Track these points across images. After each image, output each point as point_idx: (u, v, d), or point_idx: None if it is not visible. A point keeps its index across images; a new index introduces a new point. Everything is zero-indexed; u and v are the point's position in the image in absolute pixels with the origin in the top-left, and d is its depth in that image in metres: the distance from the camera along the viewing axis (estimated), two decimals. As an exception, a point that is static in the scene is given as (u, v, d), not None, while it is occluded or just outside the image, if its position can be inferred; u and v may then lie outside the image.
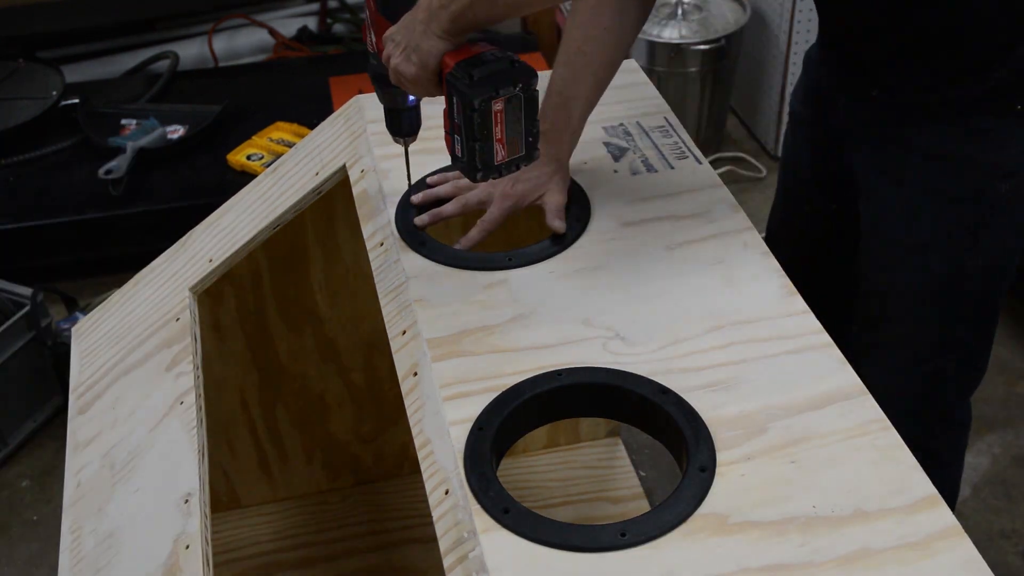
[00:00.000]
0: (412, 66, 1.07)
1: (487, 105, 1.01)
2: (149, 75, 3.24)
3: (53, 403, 2.33)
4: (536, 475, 1.96)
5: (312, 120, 1.80)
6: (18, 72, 3.05)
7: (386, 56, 1.10)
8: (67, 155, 2.79)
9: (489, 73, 1.02)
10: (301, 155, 1.48)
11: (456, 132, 1.05)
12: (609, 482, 1.94)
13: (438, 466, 0.99)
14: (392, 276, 1.20)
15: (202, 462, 1.22)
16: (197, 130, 2.79)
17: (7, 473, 2.24)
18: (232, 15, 3.50)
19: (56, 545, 1.31)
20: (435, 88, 1.07)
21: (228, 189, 1.65)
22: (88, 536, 1.26)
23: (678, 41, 2.85)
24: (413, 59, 1.06)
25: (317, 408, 1.83)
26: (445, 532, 0.94)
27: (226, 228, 1.46)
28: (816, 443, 0.99)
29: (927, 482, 0.96)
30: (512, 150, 1.05)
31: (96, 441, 1.37)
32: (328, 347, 1.77)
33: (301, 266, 1.66)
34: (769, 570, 0.88)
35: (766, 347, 1.09)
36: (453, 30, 1.05)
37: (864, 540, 0.90)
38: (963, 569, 0.88)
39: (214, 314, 1.62)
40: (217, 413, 1.64)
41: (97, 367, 1.47)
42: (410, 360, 1.10)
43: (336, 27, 3.67)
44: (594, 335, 1.10)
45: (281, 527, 1.88)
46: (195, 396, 1.29)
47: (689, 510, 0.92)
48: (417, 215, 1.27)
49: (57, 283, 2.61)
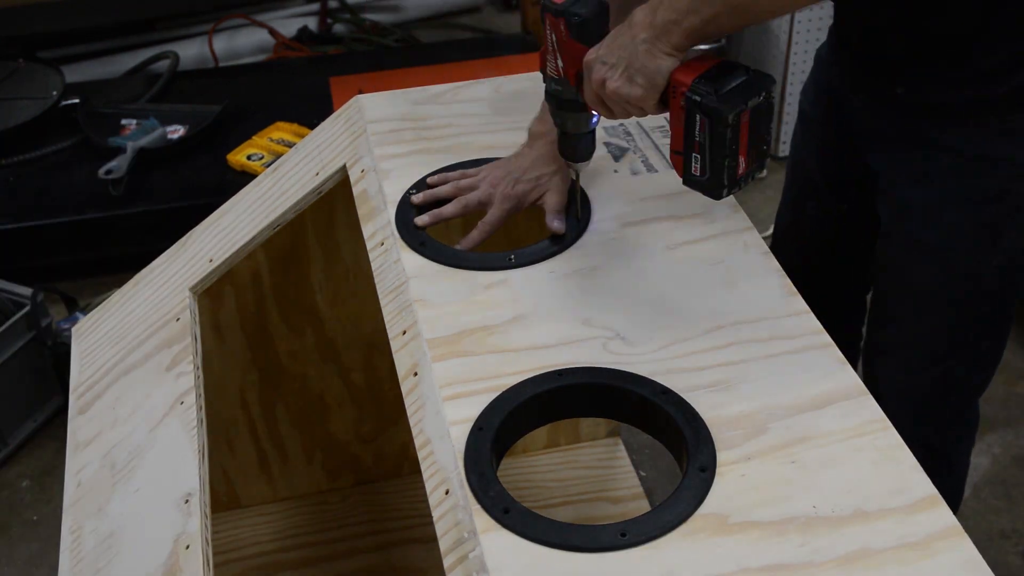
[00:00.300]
0: (638, 87, 1.02)
1: (738, 119, 0.97)
2: (149, 75, 3.25)
3: (53, 403, 2.33)
4: (536, 475, 1.96)
5: (312, 120, 1.80)
6: (18, 72, 3.04)
7: (598, 79, 1.04)
8: (67, 155, 2.79)
9: (734, 85, 0.98)
10: (301, 155, 1.48)
11: (695, 151, 1.00)
12: (609, 482, 1.94)
13: (438, 466, 0.99)
14: (392, 276, 1.20)
15: (202, 462, 1.22)
16: (197, 130, 2.79)
17: (7, 473, 2.24)
18: (232, 15, 3.50)
19: (56, 545, 1.31)
20: (658, 108, 1.03)
21: (228, 189, 1.65)
22: (88, 536, 1.26)
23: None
24: (639, 80, 1.02)
25: (317, 408, 1.83)
26: (445, 532, 0.94)
27: (226, 228, 1.46)
28: (816, 443, 0.99)
29: (927, 482, 0.96)
30: (751, 160, 1.01)
31: (96, 441, 1.37)
32: (328, 347, 1.77)
33: (301, 266, 1.66)
34: (769, 570, 0.88)
35: (766, 347, 1.09)
36: (686, 46, 1.01)
37: (864, 540, 0.90)
38: (963, 569, 0.88)
39: (214, 314, 1.62)
40: (217, 413, 1.63)
41: (97, 367, 1.47)
42: (410, 360, 1.10)
43: (336, 27, 3.68)
44: (594, 335, 1.10)
45: (281, 527, 1.88)
46: (195, 396, 1.29)
47: (689, 510, 0.92)
48: (417, 215, 1.27)
49: (57, 283, 2.61)
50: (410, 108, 1.47)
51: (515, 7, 3.79)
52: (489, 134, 1.42)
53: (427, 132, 1.42)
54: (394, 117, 1.44)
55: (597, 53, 1.04)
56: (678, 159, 1.03)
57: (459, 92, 1.51)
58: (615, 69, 1.03)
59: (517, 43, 3.29)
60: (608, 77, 1.03)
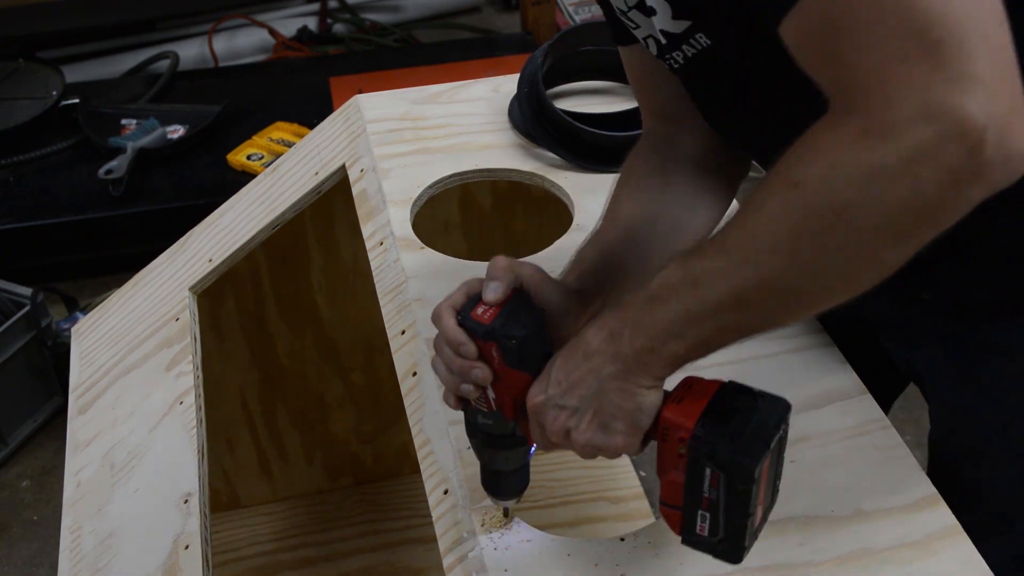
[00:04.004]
0: (617, 436, 0.79)
1: (762, 468, 0.75)
2: (149, 75, 3.24)
3: (53, 403, 2.33)
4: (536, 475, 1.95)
5: (312, 120, 1.80)
6: (18, 72, 3.04)
7: (559, 430, 0.80)
8: (67, 155, 2.79)
9: (749, 426, 0.75)
10: (300, 155, 1.47)
11: (703, 508, 0.77)
12: (609, 482, 1.94)
13: (438, 466, 0.99)
14: (392, 276, 1.20)
15: (202, 462, 1.22)
16: (197, 130, 2.79)
17: (7, 473, 2.24)
18: (232, 15, 3.50)
19: (56, 545, 1.31)
20: (642, 449, 0.81)
21: (228, 189, 1.65)
22: (88, 536, 1.26)
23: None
24: (616, 426, 0.79)
25: (317, 408, 1.83)
26: (445, 532, 0.94)
27: (226, 228, 1.46)
28: (816, 443, 0.99)
29: (927, 482, 0.96)
30: (768, 505, 0.80)
31: (96, 441, 1.37)
32: (328, 347, 1.77)
33: (301, 266, 1.66)
34: (769, 570, 0.88)
35: (766, 346, 1.09)
36: (668, 374, 0.78)
37: (864, 540, 0.90)
38: (962, 568, 0.88)
39: (214, 314, 1.62)
40: (217, 413, 1.63)
41: (97, 367, 1.47)
42: (410, 360, 1.10)
43: (336, 27, 3.67)
44: (594, 335, 1.10)
45: (281, 527, 1.88)
46: (195, 396, 1.29)
47: None
48: None
49: (57, 283, 2.61)
50: (409, 108, 1.47)
51: (515, 7, 3.79)
52: (488, 134, 1.41)
53: (426, 132, 1.42)
54: (393, 117, 1.44)
55: (547, 394, 0.80)
56: (674, 514, 0.80)
57: (458, 92, 1.51)
58: (580, 416, 0.79)
59: (517, 43, 3.28)
60: (572, 426, 0.80)
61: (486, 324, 0.82)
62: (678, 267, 0.74)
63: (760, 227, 0.69)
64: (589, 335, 0.79)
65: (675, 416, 0.77)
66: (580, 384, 0.79)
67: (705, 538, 0.79)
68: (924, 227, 0.65)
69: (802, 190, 0.66)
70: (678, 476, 0.77)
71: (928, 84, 0.61)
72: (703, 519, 0.78)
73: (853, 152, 0.63)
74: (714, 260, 0.71)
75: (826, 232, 0.66)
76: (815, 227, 0.66)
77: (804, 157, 0.66)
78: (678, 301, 0.73)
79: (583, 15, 3.29)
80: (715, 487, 0.75)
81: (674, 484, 0.78)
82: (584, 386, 0.78)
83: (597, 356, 0.78)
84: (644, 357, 0.75)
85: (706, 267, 0.72)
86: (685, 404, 0.77)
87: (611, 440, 0.79)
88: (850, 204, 0.64)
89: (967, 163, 0.62)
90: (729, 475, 0.74)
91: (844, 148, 0.64)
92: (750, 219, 0.69)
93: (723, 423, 0.75)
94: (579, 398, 0.79)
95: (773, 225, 0.68)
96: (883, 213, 0.64)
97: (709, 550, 0.80)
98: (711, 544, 0.79)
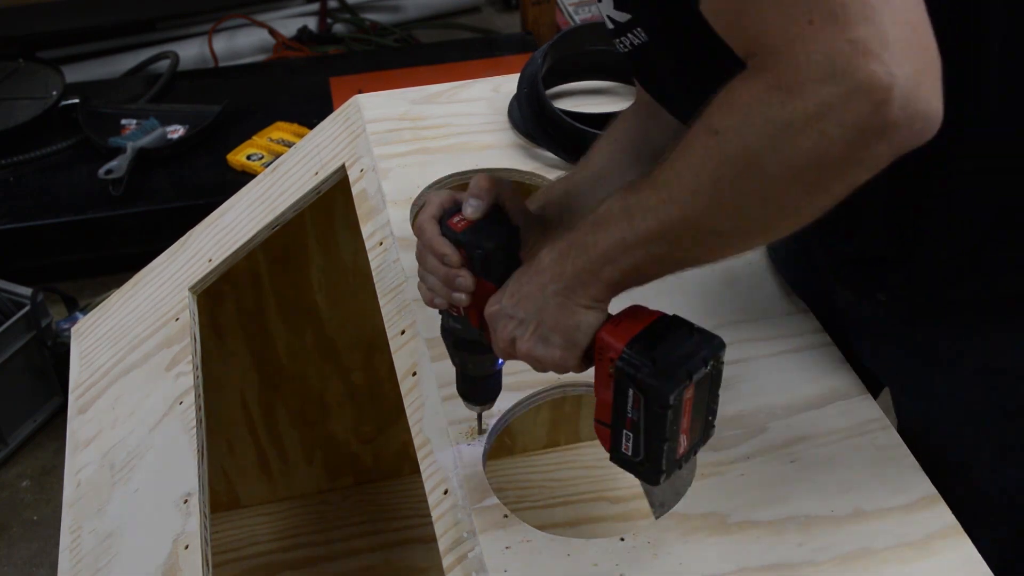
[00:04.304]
0: (555, 348, 0.84)
1: (680, 397, 0.79)
2: (149, 75, 3.24)
3: (53, 403, 2.33)
4: (536, 475, 1.96)
5: (312, 120, 1.80)
6: (18, 72, 3.04)
7: (506, 337, 0.86)
8: (67, 155, 2.79)
9: (675, 354, 0.79)
10: (300, 155, 1.47)
11: (627, 428, 0.82)
12: (609, 482, 1.94)
13: (437, 466, 0.99)
14: (391, 276, 1.20)
15: (202, 462, 1.22)
16: (197, 130, 2.79)
17: (7, 473, 2.24)
18: (232, 15, 3.50)
19: (56, 545, 1.31)
20: (582, 365, 0.85)
21: (228, 189, 1.65)
22: (88, 536, 1.26)
23: (678, 41, 2.85)
24: (555, 340, 0.83)
25: (317, 408, 1.83)
26: (444, 532, 0.94)
27: (226, 228, 1.46)
28: (816, 442, 0.99)
29: (927, 482, 0.96)
30: (693, 437, 0.84)
31: (96, 441, 1.37)
32: (328, 347, 1.77)
33: (301, 266, 1.66)
34: (769, 570, 0.88)
35: (766, 346, 1.09)
36: (608, 297, 0.82)
37: (864, 540, 0.90)
38: (962, 568, 0.88)
39: (214, 314, 1.62)
40: (217, 413, 1.63)
41: (97, 367, 1.47)
42: (410, 360, 1.10)
43: (336, 27, 3.67)
44: (594, 335, 1.10)
45: (281, 527, 1.88)
46: (195, 396, 1.29)
47: None
48: None
49: (57, 283, 2.61)
50: (409, 108, 1.47)
51: (515, 7, 3.79)
52: (488, 134, 1.41)
53: (426, 132, 1.42)
54: (393, 117, 1.44)
55: (501, 304, 0.86)
56: (604, 431, 0.85)
57: (458, 92, 1.51)
58: (525, 326, 0.85)
59: (517, 43, 3.28)
60: (518, 336, 0.85)
61: (457, 233, 0.88)
62: (619, 198, 0.79)
63: (685, 169, 0.73)
64: (543, 253, 0.84)
65: (608, 336, 0.81)
66: (528, 298, 0.84)
67: (629, 457, 0.84)
68: (833, 180, 0.70)
69: (720, 138, 0.70)
70: (608, 395, 0.82)
71: (833, 45, 0.64)
72: (627, 439, 0.83)
73: (764, 106, 0.67)
74: (647, 195, 0.76)
75: (741, 178, 0.71)
76: (731, 173, 0.71)
77: (723, 107, 0.70)
78: (614, 229, 0.78)
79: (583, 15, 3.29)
80: (637, 408, 0.80)
81: (605, 403, 0.83)
82: (531, 300, 0.84)
83: (545, 273, 0.83)
84: (584, 277, 0.81)
85: (640, 200, 0.77)
86: (621, 327, 0.81)
87: (549, 352, 0.84)
88: (761, 154, 0.69)
89: (872, 121, 0.65)
90: (648, 397, 0.79)
91: (757, 102, 0.68)
92: (679, 161, 0.74)
93: (651, 348, 0.79)
94: (525, 310, 0.84)
95: (695, 168, 0.73)
96: (792, 164, 0.68)
97: (632, 470, 0.84)
98: (634, 464, 0.84)
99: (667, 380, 0.78)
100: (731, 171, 0.71)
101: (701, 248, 0.78)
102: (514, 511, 0.94)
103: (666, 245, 0.77)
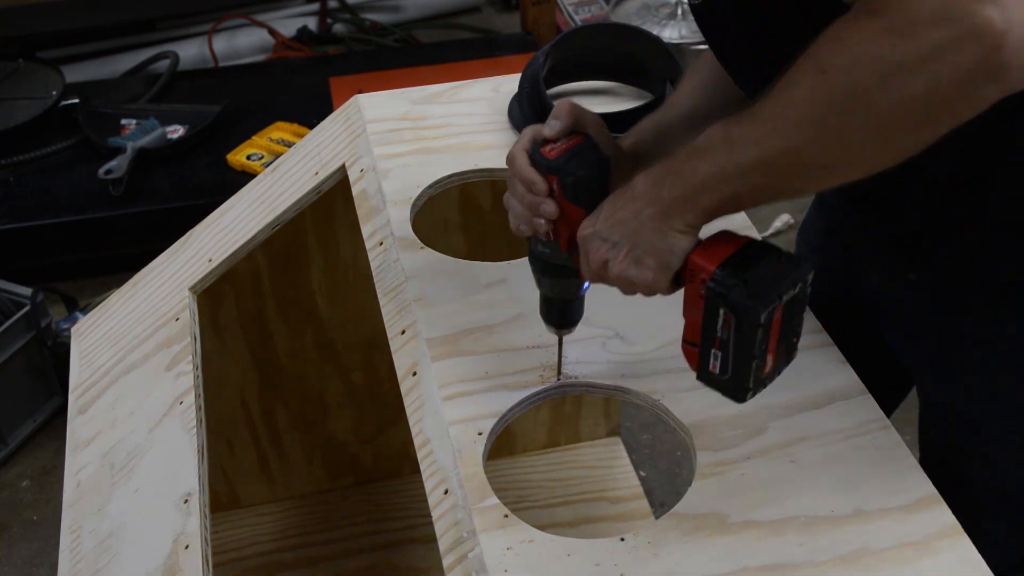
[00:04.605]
0: (647, 270, 0.87)
1: (771, 317, 0.82)
2: (149, 75, 3.24)
3: (53, 403, 2.33)
4: (536, 475, 1.96)
5: (312, 120, 1.80)
6: (18, 72, 3.04)
7: (599, 259, 0.89)
8: (67, 155, 2.79)
9: (766, 275, 0.82)
10: (300, 155, 1.47)
11: (716, 347, 0.85)
12: (609, 482, 1.94)
13: (437, 466, 0.99)
14: (391, 275, 1.20)
15: (202, 462, 1.22)
16: (197, 130, 2.79)
17: (7, 473, 2.24)
18: (232, 15, 3.50)
19: (56, 545, 1.31)
20: (671, 288, 0.89)
21: (228, 189, 1.65)
22: (88, 536, 1.26)
23: (678, 41, 2.85)
24: (648, 262, 0.86)
25: (317, 408, 1.83)
26: (444, 532, 0.94)
27: (226, 228, 1.46)
28: (816, 442, 0.99)
29: (927, 482, 0.95)
30: (779, 358, 0.87)
31: (96, 441, 1.37)
32: (328, 347, 1.77)
33: (301, 266, 1.66)
34: (769, 570, 0.88)
35: (766, 347, 1.09)
36: (701, 223, 0.85)
37: (864, 539, 0.90)
38: (962, 568, 0.88)
39: (214, 314, 1.62)
40: (217, 413, 1.63)
41: (97, 367, 1.47)
42: (410, 360, 1.10)
43: (336, 27, 3.67)
44: (593, 334, 1.10)
45: (281, 527, 1.88)
46: (195, 396, 1.29)
47: None
48: None
49: (57, 283, 2.61)
50: (409, 108, 1.47)
51: (515, 7, 3.79)
52: (488, 134, 1.41)
53: (426, 132, 1.42)
54: (393, 117, 1.44)
55: (595, 227, 0.89)
56: (692, 351, 0.89)
57: (458, 92, 1.51)
58: (618, 248, 0.88)
59: (517, 43, 3.28)
60: (611, 257, 0.88)
61: (550, 160, 0.92)
62: (719, 128, 0.82)
63: (791, 103, 0.77)
64: (638, 179, 0.87)
65: (700, 259, 0.85)
66: (623, 222, 0.87)
67: (716, 375, 0.87)
68: (940, 118, 0.73)
69: (829, 76, 0.73)
70: (697, 316, 0.86)
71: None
72: (715, 357, 0.86)
73: (876, 46, 0.71)
74: (750, 126, 0.79)
75: (848, 114, 0.74)
76: (839, 109, 0.74)
77: (832, 46, 0.74)
78: (715, 159, 0.81)
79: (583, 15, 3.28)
80: (727, 328, 0.83)
81: (694, 324, 0.86)
82: (626, 223, 0.87)
83: (641, 199, 0.86)
84: (680, 204, 0.84)
85: (742, 131, 0.80)
86: (711, 250, 0.85)
87: (642, 274, 0.87)
88: (871, 92, 0.72)
89: (983, 63, 0.68)
90: (739, 316, 0.82)
91: (868, 42, 0.71)
92: (784, 95, 0.77)
93: (742, 271, 0.83)
94: (620, 233, 0.87)
95: (803, 103, 0.76)
96: (901, 103, 0.71)
97: (719, 387, 0.88)
98: (720, 382, 0.87)
99: (758, 299, 0.81)
100: (839, 107, 0.74)
101: (801, 179, 0.81)
102: (514, 511, 0.94)
103: (767, 175, 0.80)
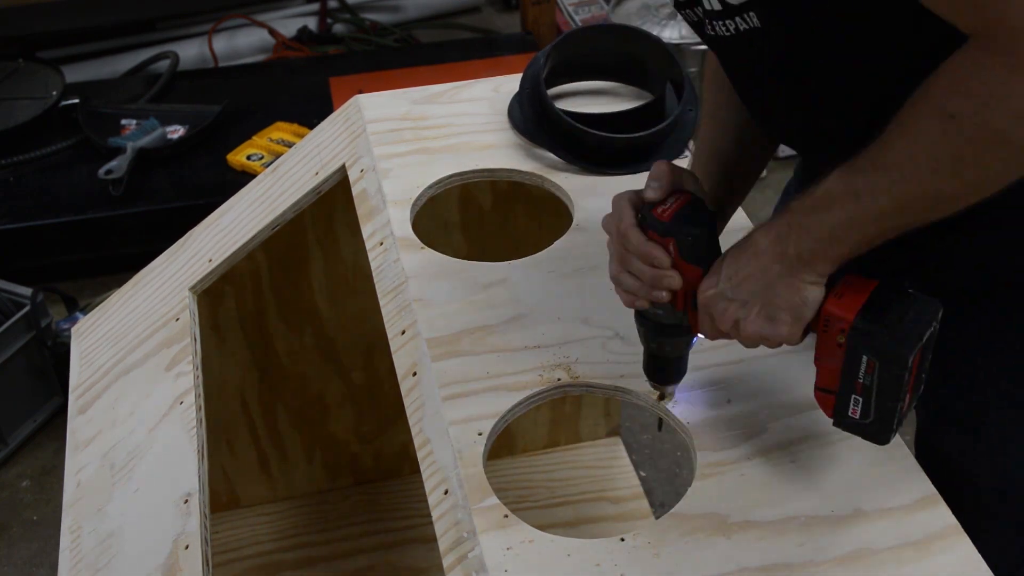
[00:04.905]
0: (782, 325, 0.88)
1: (915, 358, 0.84)
2: (149, 75, 3.24)
3: (53, 403, 2.33)
4: (536, 475, 1.96)
5: (312, 120, 1.80)
6: (18, 72, 3.04)
7: (729, 320, 0.90)
8: (67, 155, 2.79)
9: (903, 318, 0.84)
10: (301, 155, 1.47)
11: (857, 392, 0.87)
12: (609, 482, 1.94)
13: (437, 466, 0.99)
14: (392, 276, 1.20)
15: (202, 462, 1.22)
16: (197, 130, 2.79)
17: (7, 473, 2.24)
18: (232, 15, 3.50)
19: (56, 545, 1.31)
20: (802, 338, 0.90)
21: (228, 189, 1.65)
22: (88, 536, 1.26)
23: (678, 41, 2.85)
24: (783, 317, 0.87)
25: (317, 408, 1.83)
26: (444, 532, 0.94)
27: (226, 228, 1.46)
28: (816, 443, 0.99)
29: (927, 482, 0.96)
30: (915, 395, 0.89)
31: (96, 441, 1.37)
32: (328, 347, 1.77)
33: (301, 266, 1.66)
34: (769, 570, 0.88)
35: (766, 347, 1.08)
36: (831, 271, 0.86)
37: (864, 540, 0.90)
38: (962, 568, 0.88)
39: (214, 314, 1.62)
40: (217, 413, 1.63)
41: (97, 367, 1.47)
42: (410, 360, 1.10)
43: (336, 27, 3.67)
44: (593, 334, 1.10)
45: (281, 527, 1.88)
46: (195, 396, 1.29)
47: None
48: None
49: (57, 283, 2.61)
50: (409, 108, 1.47)
51: (515, 7, 3.79)
52: (489, 134, 1.41)
53: (426, 132, 1.42)
54: (393, 117, 1.44)
55: (718, 288, 0.90)
56: (828, 398, 0.90)
57: (459, 92, 1.51)
58: (749, 307, 0.88)
59: (517, 43, 3.28)
60: (741, 317, 0.89)
61: (666, 222, 0.92)
62: (839, 180, 0.83)
63: (919, 150, 0.79)
64: (757, 236, 0.89)
65: (837, 309, 0.86)
66: (750, 279, 0.88)
67: (856, 420, 0.89)
68: None
69: (959, 121, 0.76)
70: (835, 364, 0.87)
71: None
72: (855, 403, 0.88)
73: (1006, 87, 0.73)
74: (875, 175, 0.81)
75: (986, 155, 0.77)
76: (976, 151, 0.77)
77: (956, 90, 0.76)
78: (841, 210, 0.83)
79: (583, 15, 3.29)
80: (870, 373, 0.85)
81: (831, 371, 0.88)
82: (753, 281, 0.88)
83: (766, 255, 0.87)
84: (808, 257, 0.85)
85: (867, 181, 0.81)
86: (846, 299, 0.86)
87: (776, 329, 0.88)
88: (1007, 131, 0.75)
89: None
90: (884, 362, 0.84)
91: (996, 83, 0.73)
92: (908, 141, 0.79)
93: (881, 316, 0.84)
94: (748, 292, 0.88)
95: (933, 149, 0.78)
96: None
97: (860, 432, 0.89)
98: (862, 426, 0.89)
99: (904, 344, 0.83)
100: (976, 149, 0.76)
101: (933, 213, 0.82)
102: (514, 511, 0.94)
103: (901, 217, 0.82)
